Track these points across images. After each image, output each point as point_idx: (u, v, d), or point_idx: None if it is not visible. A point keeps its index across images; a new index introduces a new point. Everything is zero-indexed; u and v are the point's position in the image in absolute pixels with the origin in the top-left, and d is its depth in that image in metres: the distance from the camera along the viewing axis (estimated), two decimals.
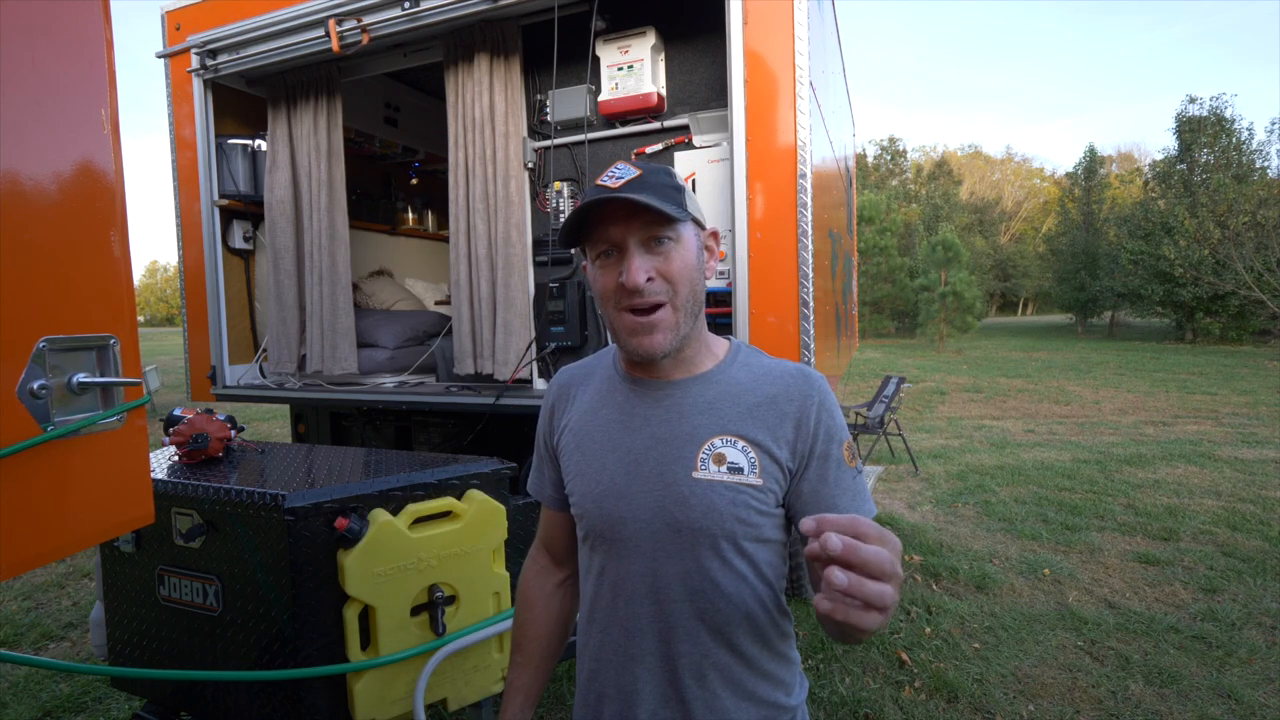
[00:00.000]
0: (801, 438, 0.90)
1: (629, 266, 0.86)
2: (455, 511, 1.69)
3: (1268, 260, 19.13)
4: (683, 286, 0.88)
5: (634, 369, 0.97)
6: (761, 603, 0.91)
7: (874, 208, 24.24)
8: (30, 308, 0.79)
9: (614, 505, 0.92)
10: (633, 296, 0.87)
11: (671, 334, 0.88)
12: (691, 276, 0.89)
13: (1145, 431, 7.96)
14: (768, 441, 0.89)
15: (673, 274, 0.87)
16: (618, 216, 0.86)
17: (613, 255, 0.89)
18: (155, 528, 1.69)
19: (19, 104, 0.77)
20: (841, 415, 0.95)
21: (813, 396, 0.91)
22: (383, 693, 1.57)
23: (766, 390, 0.92)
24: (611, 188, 0.85)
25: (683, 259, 0.88)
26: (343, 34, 2.59)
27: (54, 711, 2.59)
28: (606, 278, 0.89)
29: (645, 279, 0.86)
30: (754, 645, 0.91)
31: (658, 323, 0.88)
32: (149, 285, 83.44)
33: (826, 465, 0.90)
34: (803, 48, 2.11)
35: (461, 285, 2.74)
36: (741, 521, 0.88)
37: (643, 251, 0.87)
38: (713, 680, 0.90)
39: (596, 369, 1.04)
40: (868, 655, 2.92)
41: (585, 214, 0.87)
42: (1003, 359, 17.94)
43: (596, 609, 0.97)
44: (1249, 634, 3.07)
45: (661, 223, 0.86)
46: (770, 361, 0.97)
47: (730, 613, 0.89)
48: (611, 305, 0.90)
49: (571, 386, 1.05)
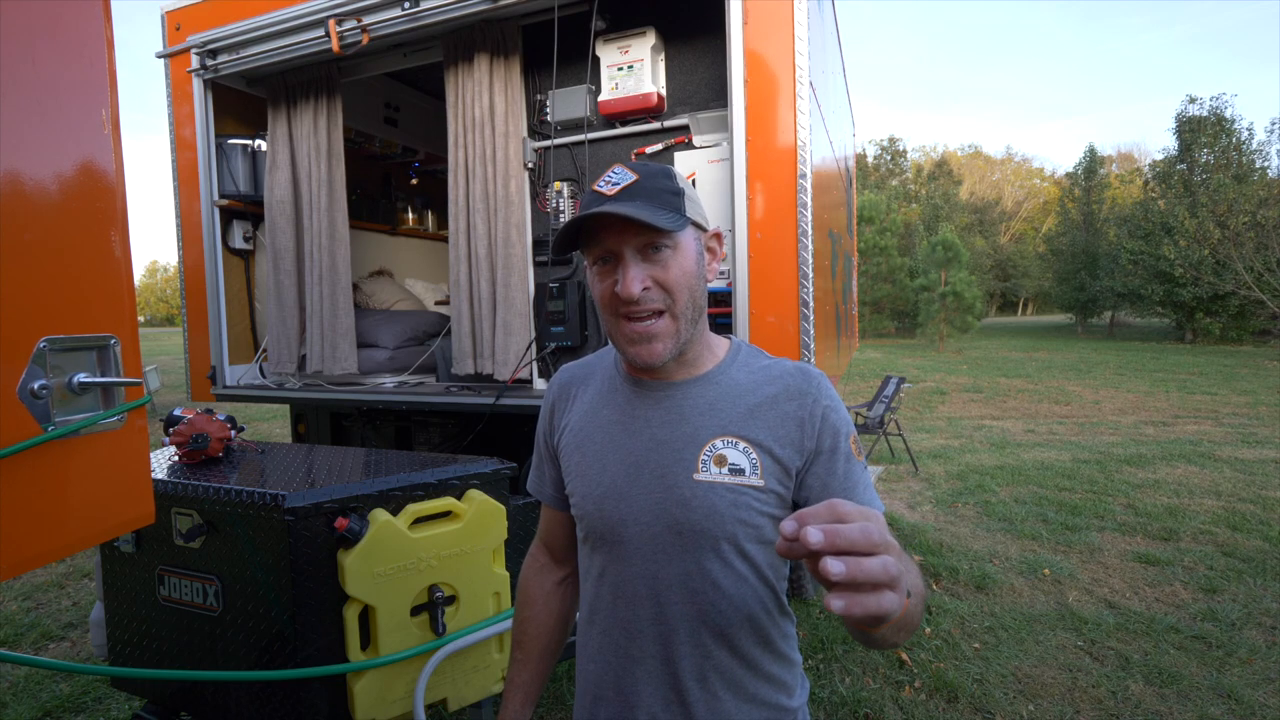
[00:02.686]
0: (807, 435, 0.88)
1: (624, 277, 0.84)
2: (455, 511, 1.69)
3: (1268, 260, 19.12)
4: (681, 294, 0.86)
5: (634, 370, 0.96)
6: (763, 604, 0.90)
7: (874, 208, 24.25)
8: (30, 308, 0.79)
9: (615, 507, 0.91)
10: (629, 305, 0.85)
11: (671, 342, 0.87)
12: (690, 284, 0.87)
13: (1145, 431, 7.96)
14: (769, 442, 0.88)
15: (670, 283, 0.85)
16: (613, 224, 0.84)
17: (609, 262, 0.87)
18: (155, 528, 1.69)
19: (19, 104, 0.77)
20: (845, 408, 0.94)
21: (813, 394, 0.90)
22: (383, 693, 1.57)
23: (767, 391, 0.91)
24: (606, 195, 0.84)
25: (680, 267, 0.86)
26: (343, 34, 2.59)
27: (54, 711, 2.59)
28: (604, 285, 0.88)
29: (641, 289, 0.84)
30: (755, 647, 0.91)
31: (657, 332, 0.86)
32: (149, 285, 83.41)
33: (835, 459, 0.88)
34: (803, 48, 2.11)
35: (461, 285, 2.74)
36: (743, 523, 0.87)
37: (639, 260, 0.85)
38: (714, 682, 0.89)
39: (597, 368, 1.03)
40: (868, 655, 2.92)
41: (579, 224, 0.86)
42: (1003, 359, 17.94)
43: (597, 610, 0.96)
44: (1249, 634, 3.07)
45: (658, 229, 0.84)
46: (770, 361, 0.96)
47: (731, 614, 0.88)
48: (610, 312, 0.88)
49: (572, 385, 1.04)
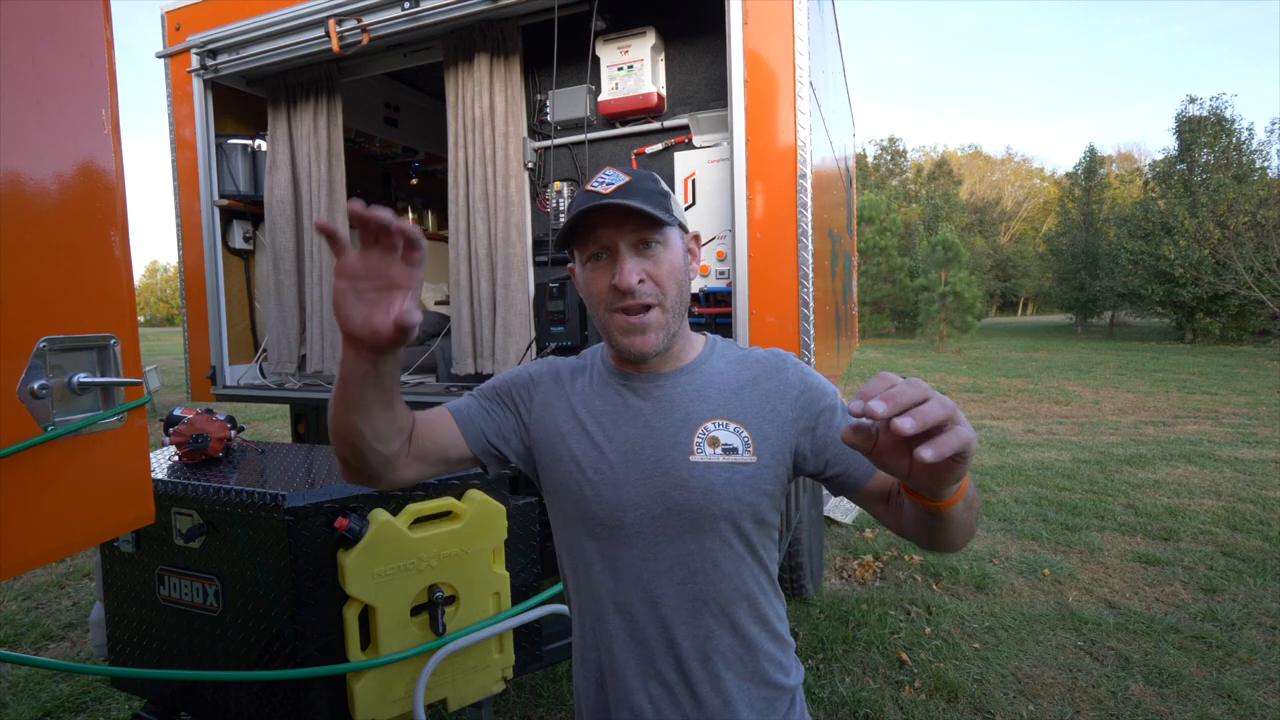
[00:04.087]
0: (791, 405, 0.94)
1: (621, 269, 0.89)
2: (455, 511, 1.69)
3: (1268, 260, 19.11)
4: (671, 288, 0.92)
5: (624, 364, 1.00)
6: (759, 583, 0.95)
7: (874, 208, 24.23)
8: (31, 308, 0.79)
9: (613, 494, 0.94)
10: (625, 298, 0.90)
11: (662, 333, 0.92)
12: (679, 279, 0.94)
13: (1145, 431, 7.96)
14: (758, 420, 0.93)
15: (661, 276, 0.91)
16: (609, 220, 0.90)
17: (603, 258, 0.92)
18: (155, 528, 1.69)
19: (19, 104, 0.77)
20: (822, 376, 1.00)
21: (787, 368, 0.97)
22: (383, 693, 1.57)
23: (747, 374, 0.97)
24: (603, 194, 0.89)
25: (670, 262, 0.92)
26: (343, 34, 2.59)
27: (54, 711, 2.59)
28: (599, 280, 0.92)
29: (637, 280, 0.89)
30: (754, 625, 0.94)
31: (649, 323, 0.91)
32: (149, 285, 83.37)
33: (834, 414, 0.94)
34: (803, 48, 2.11)
35: (461, 285, 2.74)
36: (739, 500, 0.91)
37: (633, 254, 0.91)
38: (716, 662, 0.92)
39: (588, 366, 1.06)
40: (868, 655, 2.92)
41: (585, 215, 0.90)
42: (1003, 359, 17.93)
43: (599, 599, 0.97)
44: (1249, 634, 3.07)
45: (651, 226, 0.90)
46: (744, 350, 1.03)
47: (731, 594, 0.92)
48: (604, 307, 0.93)
49: (562, 375, 1.05)
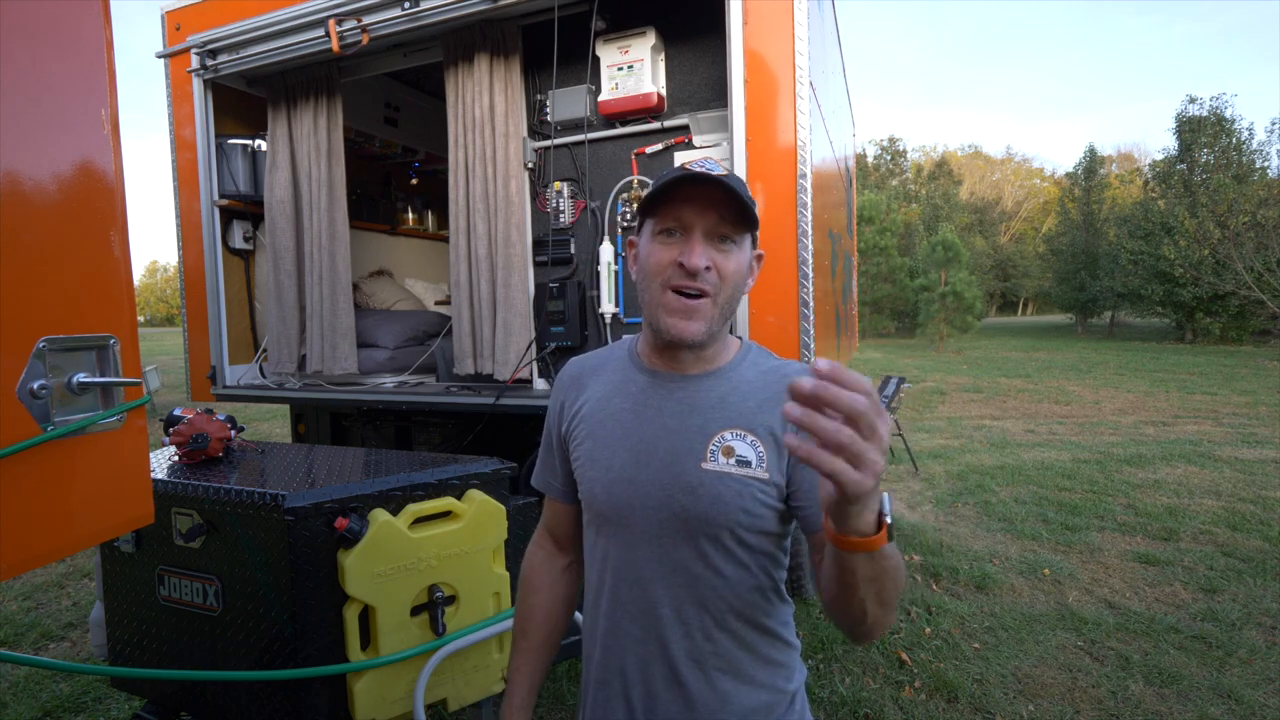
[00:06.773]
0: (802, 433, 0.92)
1: (692, 249, 0.89)
2: (455, 511, 1.69)
3: (1268, 260, 19.09)
4: (729, 287, 0.92)
5: (654, 359, 1.00)
6: (761, 590, 0.94)
7: (874, 208, 24.23)
8: (30, 308, 0.79)
9: (623, 492, 0.94)
10: (685, 277, 0.89)
11: (707, 325, 0.91)
12: (738, 281, 0.93)
13: (1145, 431, 7.95)
14: (776, 434, 0.92)
15: (727, 272, 0.91)
16: (697, 202, 0.89)
17: (675, 235, 0.91)
18: (155, 528, 1.69)
19: (19, 104, 0.77)
20: None
21: None
22: (383, 693, 1.57)
23: (774, 388, 0.95)
24: (704, 174, 0.87)
25: (737, 263, 0.92)
26: (343, 34, 2.59)
27: (54, 711, 2.59)
28: (663, 254, 0.91)
29: (705, 265, 0.89)
30: (753, 631, 0.94)
31: (699, 309, 0.90)
32: (149, 285, 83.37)
33: None
34: (803, 48, 2.11)
35: (461, 285, 2.74)
36: (746, 512, 0.90)
37: (706, 242, 0.90)
38: (714, 665, 0.92)
39: (609, 361, 1.06)
40: (868, 655, 2.92)
41: (673, 186, 0.89)
42: (1003, 359, 17.93)
43: (602, 594, 0.99)
44: (1249, 634, 3.06)
45: (733, 224, 0.90)
46: (777, 362, 1.01)
47: (732, 600, 0.92)
48: (658, 282, 0.91)
49: (583, 376, 1.07)
